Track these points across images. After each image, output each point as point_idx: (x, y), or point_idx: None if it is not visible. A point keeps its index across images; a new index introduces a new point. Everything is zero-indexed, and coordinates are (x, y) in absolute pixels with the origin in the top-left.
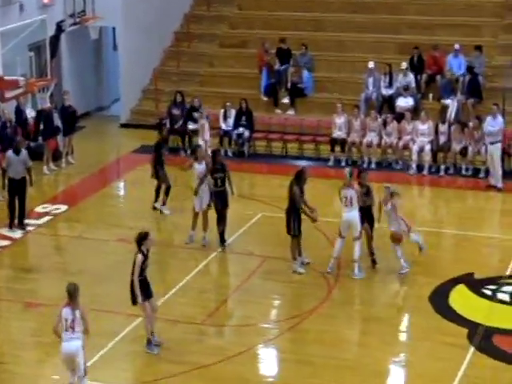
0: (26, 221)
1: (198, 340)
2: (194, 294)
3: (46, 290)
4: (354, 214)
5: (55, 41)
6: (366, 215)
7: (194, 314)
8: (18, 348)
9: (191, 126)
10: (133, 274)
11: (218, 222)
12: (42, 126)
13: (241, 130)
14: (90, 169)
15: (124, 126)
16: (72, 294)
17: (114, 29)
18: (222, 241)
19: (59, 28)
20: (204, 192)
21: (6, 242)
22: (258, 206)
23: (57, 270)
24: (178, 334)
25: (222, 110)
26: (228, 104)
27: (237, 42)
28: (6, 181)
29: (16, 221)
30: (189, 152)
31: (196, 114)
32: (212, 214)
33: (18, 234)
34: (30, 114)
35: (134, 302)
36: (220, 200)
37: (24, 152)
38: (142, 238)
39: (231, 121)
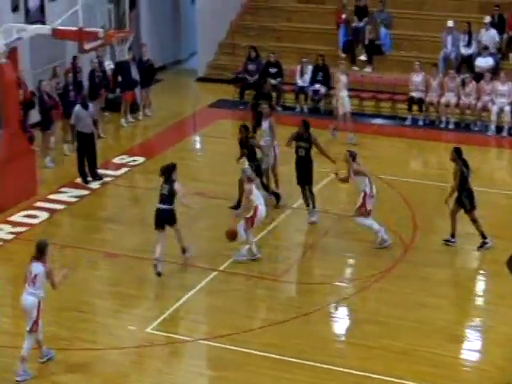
0: (104, 171)
1: (272, 296)
2: (269, 250)
3: (124, 240)
4: None
5: None
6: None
7: (269, 270)
8: (96, 297)
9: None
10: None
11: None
12: (119, 78)
13: (317, 86)
14: (167, 122)
15: (200, 79)
16: (42, 250)
17: None
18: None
19: None
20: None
21: (84, 192)
22: (333, 164)
23: (134, 221)
24: (253, 289)
25: (299, 66)
26: (305, 60)
27: None
28: (75, 134)
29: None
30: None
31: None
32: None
33: (96, 184)
34: (109, 65)
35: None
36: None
37: (91, 106)
38: (170, 171)
39: (308, 77)
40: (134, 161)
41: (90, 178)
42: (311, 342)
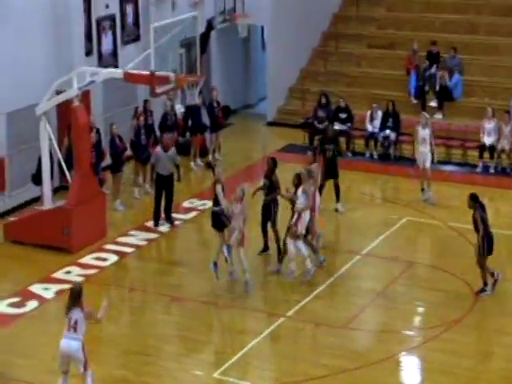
0: (173, 215)
1: (339, 343)
2: (337, 296)
3: (192, 284)
4: None
5: (205, 38)
6: None
7: (337, 317)
8: (163, 341)
9: (337, 126)
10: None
11: None
12: (190, 122)
13: (387, 132)
14: (237, 166)
15: (270, 124)
16: (78, 296)
17: (262, 27)
18: None
19: (209, 25)
20: None
21: (153, 235)
22: (403, 211)
23: (202, 265)
24: (321, 336)
25: (369, 112)
26: (374, 105)
27: (385, 42)
28: (155, 176)
29: (163, 215)
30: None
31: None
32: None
33: (165, 227)
34: (179, 109)
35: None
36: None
37: (172, 148)
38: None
39: (377, 122)
40: (203, 204)
41: (161, 222)
42: None
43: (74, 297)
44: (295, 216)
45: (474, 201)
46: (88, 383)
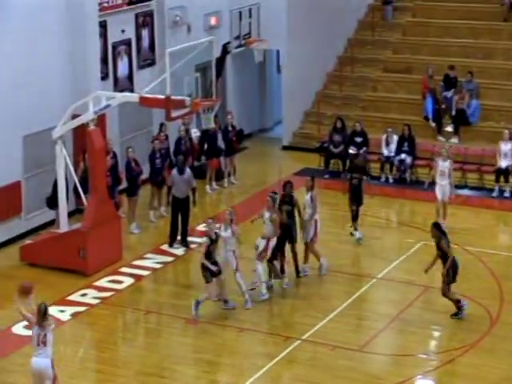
0: (189, 238)
1: (355, 367)
2: (352, 320)
3: (207, 307)
4: None
5: (221, 62)
6: None
7: (353, 341)
8: (178, 363)
9: (352, 150)
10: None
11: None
12: (205, 146)
13: (403, 156)
14: (252, 189)
15: (286, 148)
16: (43, 313)
17: (278, 52)
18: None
19: (225, 50)
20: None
21: (169, 259)
22: (419, 235)
23: None
24: (336, 359)
25: (384, 136)
26: (390, 129)
27: (401, 67)
28: (171, 198)
29: (179, 238)
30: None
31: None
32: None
33: (180, 251)
34: (195, 133)
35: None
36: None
37: (188, 172)
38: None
39: (393, 146)
40: (219, 228)
41: (177, 245)
42: None
43: (43, 314)
44: (264, 242)
45: (438, 229)
46: None
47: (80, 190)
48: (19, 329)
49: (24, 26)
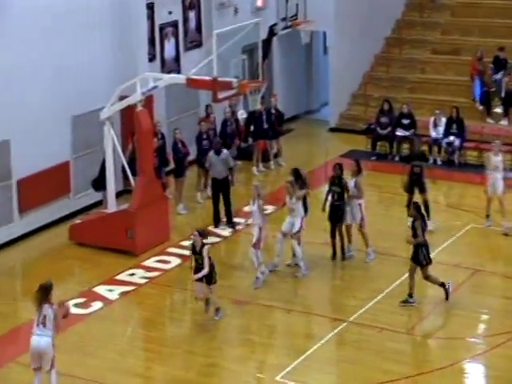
0: (235, 219)
1: (402, 349)
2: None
3: (252, 288)
4: None
5: (267, 44)
6: None
7: (400, 323)
8: (225, 343)
9: (399, 132)
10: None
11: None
12: (252, 128)
13: (451, 138)
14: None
15: (333, 130)
16: (47, 291)
17: (324, 33)
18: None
19: (271, 31)
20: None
21: (215, 239)
22: (468, 217)
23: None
24: (384, 342)
25: (432, 118)
26: (438, 111)
27: (449, 48)
28: (210, 180)
29: (224, 219)
30: (397, 158)
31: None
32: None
33: (226, 232)
34: (242, 115)
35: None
36: None
37: (225, 152)
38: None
39: (441, 129)
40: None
41: (222, 226)
42: None
43: (44, 292)
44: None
45: (417, 211)
46: (52, 381)
47: (128, 171)
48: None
49: (74, 8)
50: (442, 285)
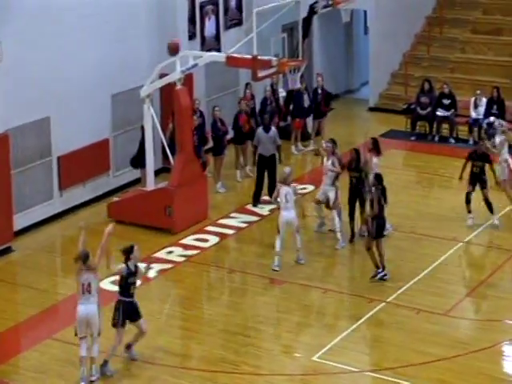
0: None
1: (440, 331)
2: (438, 284)
3: (291, 267)
4: None
5: (307, 23)
6: None
7: (438, 305)
8: (262, 323)
9: (440, 112)
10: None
11: None
12: (291, 107)
13: (492, 119)
14: (339, 150)
15: (372, 109)
16: (85, 258)
17: (365, 12)
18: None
19: (312, 10)
20: None
21: (254, 218)
22: (508, 199)
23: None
24: (421, 323)
25: (473, 98)
26: (478, 92)
27: (490, 28)
28: (257, 157)
29: (264, 198)
30: (437, 139)
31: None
32: None
33: (265, 210)
34: (281, 93)
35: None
36: None
37: (273, 130)
38: (127, 252)
39: (482, 109)
40: (304, 188)
41: (261, 206)
42: (479, 380)
43: (83, 260)
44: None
45: (378, 181)
46: (95, 348)
47: (167, 149)
48: (107, 284)
49: None
50: (377, 267)
